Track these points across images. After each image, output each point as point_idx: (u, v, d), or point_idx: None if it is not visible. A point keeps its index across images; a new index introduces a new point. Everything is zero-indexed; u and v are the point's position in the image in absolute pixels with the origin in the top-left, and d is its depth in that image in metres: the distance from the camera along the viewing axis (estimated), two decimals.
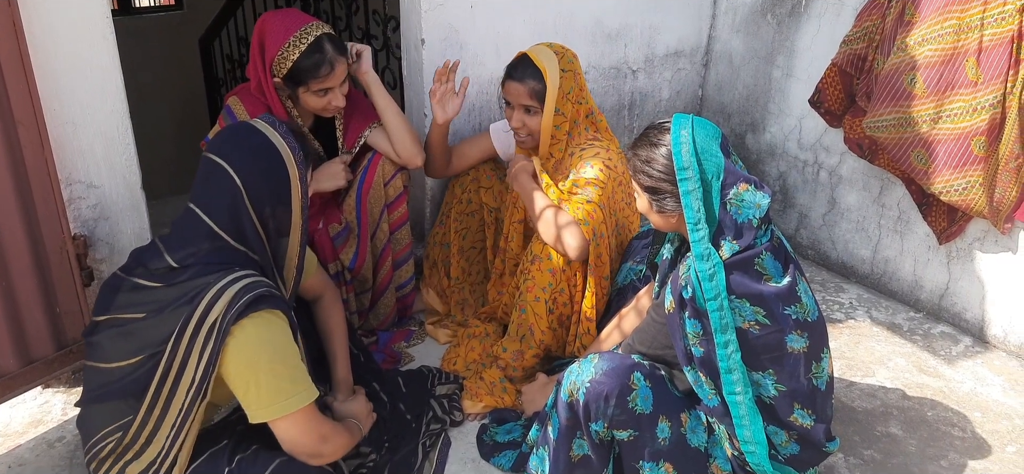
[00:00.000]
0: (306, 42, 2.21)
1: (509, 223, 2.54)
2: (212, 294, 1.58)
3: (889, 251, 2.99)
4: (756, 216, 1.71)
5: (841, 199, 3.11)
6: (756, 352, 1.73)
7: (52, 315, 2.15)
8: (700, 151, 1.72)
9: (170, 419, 1.63)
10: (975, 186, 2.46)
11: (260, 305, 1.61)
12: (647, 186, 1.81)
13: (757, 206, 1.71)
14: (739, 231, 1.70)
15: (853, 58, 2.77)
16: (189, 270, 1.63)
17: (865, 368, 2.61)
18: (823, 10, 3.00)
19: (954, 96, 2.44)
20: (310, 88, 2.26)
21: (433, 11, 2.61)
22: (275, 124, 1.75)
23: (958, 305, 2.82)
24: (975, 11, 2.37)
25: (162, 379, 1.61)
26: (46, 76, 1.99)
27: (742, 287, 1.70)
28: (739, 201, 1.71)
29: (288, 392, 1.63)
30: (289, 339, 1.68)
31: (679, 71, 3.46)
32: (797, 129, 3.20)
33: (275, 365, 1.63)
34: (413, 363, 2.55)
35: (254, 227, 1.69)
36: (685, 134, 1.74)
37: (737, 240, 1.70)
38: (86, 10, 2.02)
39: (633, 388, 1.77)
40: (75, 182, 2.15)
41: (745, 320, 1.71)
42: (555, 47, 2.37)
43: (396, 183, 2.48)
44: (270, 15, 2.29)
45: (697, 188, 1.71)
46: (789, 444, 1.81)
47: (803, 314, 1.74)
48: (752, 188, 1.73)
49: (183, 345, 1.58)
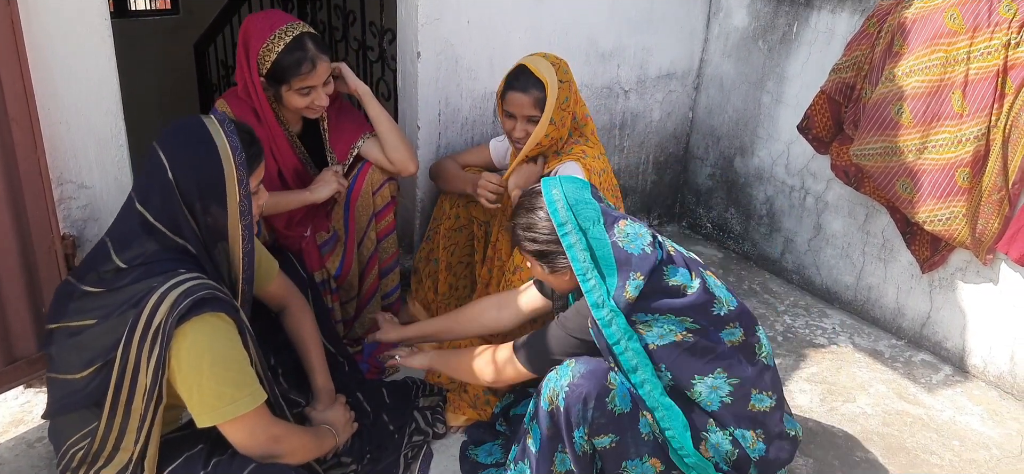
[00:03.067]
0: (289, 38, 2.21)
1: (497, 231, 2.56)
2: (156, 298, 1.57)
3: (873, 278, 3.02)
4: (645, 243, 1.81)
5: (827, 225, 3.14)
6: (699, 357, 1.81)
7: (37, 314, 2.14)
8: (573, 204, 1.84)
9: (134, 423, 1.62)
10: (958, 217, 2.50)
11: (202, 308, 1.59)
12: (535, 251, 1.90)
13: (640, 235, 1.83)
14: (638, 263, 1.79)
15: (842, 86, 2.81)
16: (135, 272, 1.62)
17: (846, 393, 2.63)
18: (813, 38, 3.04)
19: (940, 127, 2.48)
20: (293, 86, 2.24)
21: (429, 25, 2.63)
22: (223, 122, 1.72)
23: (939, 334, 2.85)
24: (962, 45, 2.41)
25: (118, 386, 1.60)
26: (42, 76, 1.99)
27: (666, 306, 1.78)
28: (625, 236, 1.82)
29: (231, 397, 1.62)
30: (234, 342, 1.66)
31: (670, 93, 3.49)
32: (785, 154, 3.23)
33: (217, 369, 1.61)
34: (397, 374, 2.55)
35: (188, 221, 1.66)
36: (556, 192, 1.86)
37: (639, 272, 1.78)
38: (84, 12, 2.03)
39: (611, 388, 1.78)
40: (66, 182, 2.15)
41: (677, 333, 1.79)
42: (550, 58, 2.41)
43: (384, 192, 2.49)
44: (253, 16, 2.29)
45: (579, 239, 1.81)
46: (756, 443, 1.85)
47: (725, 307, 1.83)
48: (630, 221, 1.85)
49: (132, 351, 1.58)
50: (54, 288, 2.12)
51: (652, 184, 3.66)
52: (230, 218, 1.71)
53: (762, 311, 3.11)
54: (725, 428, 1.84)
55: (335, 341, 2.40)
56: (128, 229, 1.66)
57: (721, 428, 1.84)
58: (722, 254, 3.58)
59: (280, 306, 2.15)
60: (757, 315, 3.06)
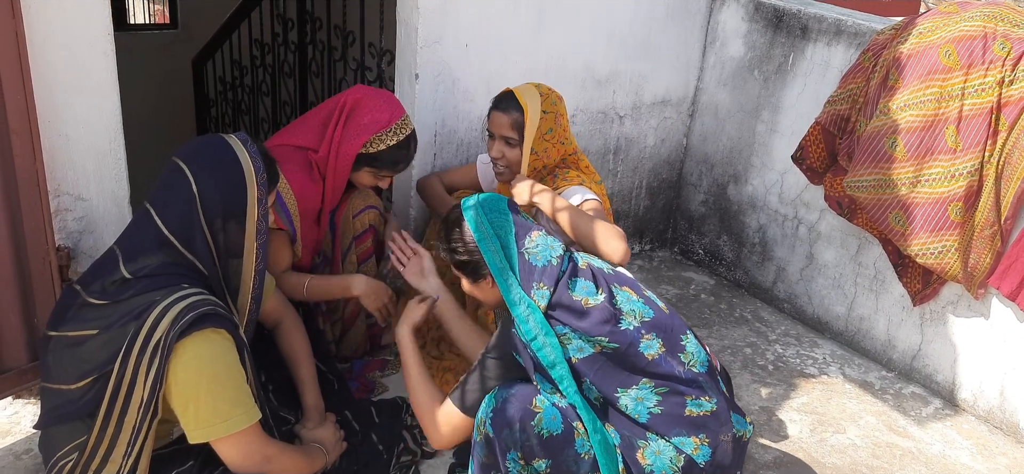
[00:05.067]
0: (403, 136, 2.33)
1: None
2: (158, 311, 1.58)
3: (864, 309, 3.04)
4: (553, 255, 1.85)
5: (819, 255, 3.16)
6: (621, 368, 1.81)
7: (29, 325, 2.13)
8: (489, 215, 1.90)
9: (125, 437, 1.62)
10: (951, 250, 2.52)
11: (204, 323, 1.60)
12: (460, 263, 1.96)
13: (551, 247, 1.87)
14: (541, 274, 1.82)
15: (836, 118, 2.84)
16: (139, 283, 1.63)
17: (836, 424, 2.64)
18: (809, 70, 3.07)
19: (933, 161, 2.50)
20: (379, 173, 2.38)
21: (428, 48, 2.65)
22: (247, 142, 1.76)
23: (929, 367, 2.87)
24: (956, 81, 2.44)
25: (112, 398, 1.60)
26: (44, 88, 2.00)
27: (573, 324, 1.80)
28: (535, 247, 1.86)
29: (226, 414, 1.63)
30: (233, 359, 1.67)
31: (665, 119, 3.52)
32: (779, 183, 3.26)
33: (214, 386, 1.62)
34: (387, 393, 2.55)
35: (204, 237, 1.68)
36: (474, 205, 1.93)
37: (543, 283, 1.81)
38: (89, 26, 2.04)
39: (537, 411, 1.77)
40: (63, 194, 2.15)
41: (596, 345, 1.80)
42: (542, 88, 2.45)
43: (363, 218, 2.51)
44: (370, 92, 2.36)
45: (496, 246, 1.87)
46: (700, 448, 1.82)
47: (636, 320, 1.83)
48: (543, 234, 1.90)
49: (131, 364, 1.58)
50: (47, 300, 2.12)
51: (645, 209, 3.68)
52: (247, 237, 1.74)
53: (753, 339, 3.12)
54: (663, 437, 1.82)
55: (326, 359, 2.40)
56: (140, 240, 1.68)
57: (660, 437, 1.82)
58: (714, 281, 3.59)
59: (275, 322, 2.15)
60: (747, 343, 3.07)
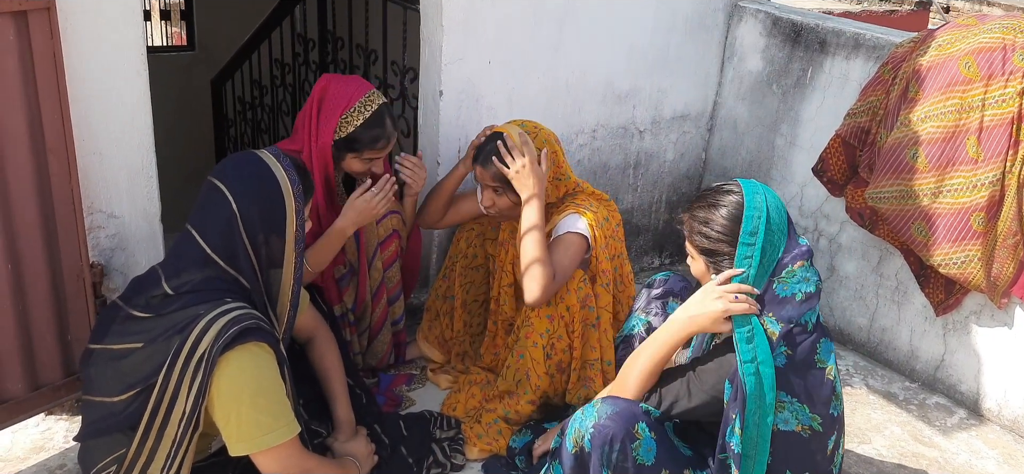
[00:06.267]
0: (369, 112, 2.30)
1: (499, 286, 2.58)
2: (202, 325, 1.60)
3: (886, 320, 3.04)
4: (803, 290, 1.71)
5: (840, 266, 3.17)
6: (798, 453, 1.71)
7: (63, 341, 2.17)
8: (772, 220, 1.74)
9: (164, 450, 1.64)
10: (973, 260, 2.53)
11: (247, 337, 1.63)
12: (703, 247, 1.82)
13: (806, 280, 1.73)
14: (782, 305, 1.70)
15: (857, 130, 2.86)
16: (182, 299, 1.66)
17: (861, 435, 2.64)
18: (828, 83, 3.09)
19: (955, 172, 2.51)
20: (362, 155, 2.34)
21: (452, 65, 2.69)
22: (279, 156, 1.80)
23: (953, 377, 2.86)
24: (977, 92, 2.46)
25: (154, 411, 1.63)
26: (79, 106, 2.04)
27: (803, 390, 1.68)
28: (790, 277, 1.73)
29: (268, 427, 1.65)
30: (274, 373, 1.69)
31: (684, 134, 3.54)
32: (799, 196, 3.27)
33: (257, 398, 1.64)
34: (414, 407, 2.56)
35: (246, 252, 1.71)
36: (759, 200, 1.76)
37: (778, 317, 1.70)
38: (123, 46, 2.08)
39: (637, 437, 1.75)
40: (97, 211, 2.19)
41: (799, 423, 1.69)
42: (528, 127, 2.43)
43: (387, 223, 2.53)
44: (333, 78, 2.36)
45: (756, 256, 1.72)
46: None
47: (840, 405, 1.74)
48: (806, 264, 1.74)
49: (174, 376, 1.60)
50: (80, 316, 2.16)
51: (664, 223, 3.70)
52: (287, 248, 1.77)
53: None
54: None
55: (353, 373, 2.42)
56: (184, 260, 1.71)
57: None
58: None
59: (308, 336, 2.18)
60: None
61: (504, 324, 2.60)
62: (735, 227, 1.75)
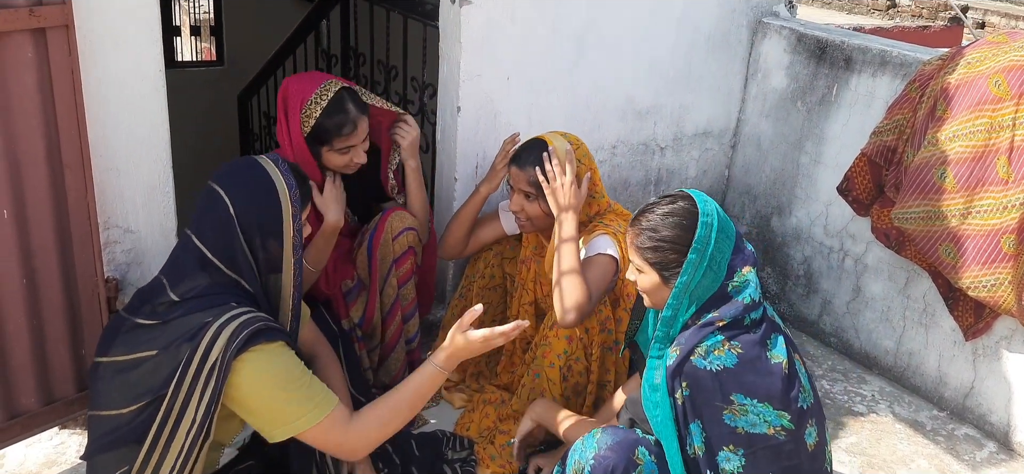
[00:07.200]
0: (327, 99, 2.24)
1: (519, 305, 2.55)
2: (212, 332, 1.61)
3: (913, 344, 2.96)
4: (750, 295, 1.72)
5: (866, 288, 3.09)
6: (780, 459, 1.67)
7: (77, 356, 2.18)
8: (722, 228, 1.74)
9: (169, 462, 1.64)
10: (1004, 283, 2.45)
11: (259, 338, 1.63)
12: (653, 261, 1.78)
13: (755, 286, 1.73)
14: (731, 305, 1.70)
15: (883, 149, 2.79)
16: (188, 304, 1.66)
17: (887, 468, 2.56)
18: (854, 101, 3.03)
19: (984, 193, 2.44)
20: (334, 146, 2.28)
21: (471, 81, 2.67)
22: (277, 161, 1.81)
23: (983, 406, 2.77)
24: (1007, 111, 2.39)
25: (162, 423, 1.63)
26: (96, 123, 2.05)
27: (757, 389, 1.65)
28: (743, 283, 1.72)
29: (302, 411, 1.66)
30: (294, 361, 1.70)
31: (707, 151, 3.49)
32: (824, 215, 3.21)
33: (283, 391, 1.65)
34: (427, 427, 2.54)
35: (245, 255, 1.71)
36: (710, 207, 1.75)
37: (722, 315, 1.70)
38: (141, 63, 2.10)
39: (638, 464, 1.73)
40: (113, 226, 2.20)
41: (770, 426, 1.66)
42: (570, 138, 2.40)
43: (403, 240, 2.50)
44: (291, 78, 2.35)
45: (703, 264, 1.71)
46: None
47: (809, 397, 1.71)
48: (753, 271, 1.74)
49: (186, 385, 1.60)
50: (94, 331, 2.17)
51: None
52: (285, 251, 1.77)
53: None
54: None
55: (365, 391, 2.40)
56: (184, 264, 1.72)
57: None
58: None
59: (310, 353, 2.16)
60: None
61: (522, 342, 2.57)
62: (687, 235, 1.73)
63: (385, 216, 2.50)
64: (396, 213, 2.51)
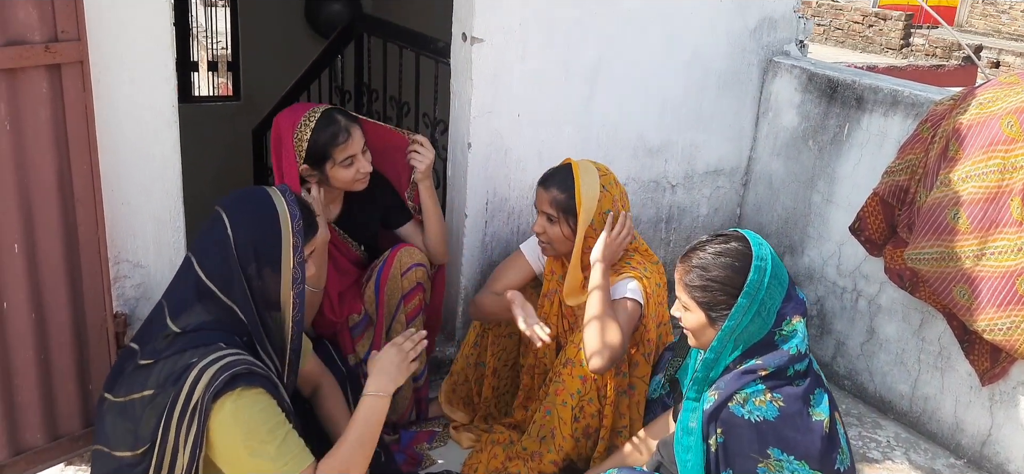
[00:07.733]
0: (315, 118, 2.29)
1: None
2: (194, 374, 1.60)
3: (929, 388, 2.91)
4: (796, 346, 1.66)
5: (880, 329, 3.05)
6: None
7: (84, 392, 2.18)
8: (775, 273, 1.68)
9: None
10: (1020, 327, 2.41)
11: (237, 383, 1.61)
12: (701, 300, 1.74)
13: (803, 337, 1.67)
14: (776, 355, 1.65)
15: (895, 189, 2.77)
16: (180, 340, 1.66)
17: None
18: (865, 140, 3.02)
19: (998, 234, 2.41)
20: (335, 160, 2.30)
21: (481, 118, 2.69)
22: (285, 192, 1.80)
23: (1001, 455, 2.71)
24: (1020, 152, 2.36)
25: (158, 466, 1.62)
26: (108, 157, 2.07)
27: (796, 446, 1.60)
28: (792, 332, 1.66)
29: (267, 471, 1.62)
30: (268, 413, 1.65)
31: (718, 188, 3.48)
32: (836, 255, 3.18)
33: (250, 440, 1.62)
34: (435, 467, 2.51)
35: (240, 282, 1.70)
36: (765, 251, 1.70)
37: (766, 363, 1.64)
38: (154, 99, 2.12)
39: None
40: (123, 261, 2.21)
41: None
42: (600, 168, 2.40)
43: (411, 276, 2.50)
44: (278, 115, 2.39)
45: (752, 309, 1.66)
46: None
47: (844, 461, 1.66)
48: (803, 321, 1.67)
49: (172, 430, 1.60)
50: (102, 366, 2.17)
51: None
52: (283, 285, 1.75)
53: None
54: None
55: None
56: (183, 289, 1.72)
57: None
58: None
59: (313, 386, 2.15)
60: None
61: (540, 377, 2.53)
62: (739, 278, 1.68)
63: (394, 251, 2.49)
64: (405, 249, 2.50)
